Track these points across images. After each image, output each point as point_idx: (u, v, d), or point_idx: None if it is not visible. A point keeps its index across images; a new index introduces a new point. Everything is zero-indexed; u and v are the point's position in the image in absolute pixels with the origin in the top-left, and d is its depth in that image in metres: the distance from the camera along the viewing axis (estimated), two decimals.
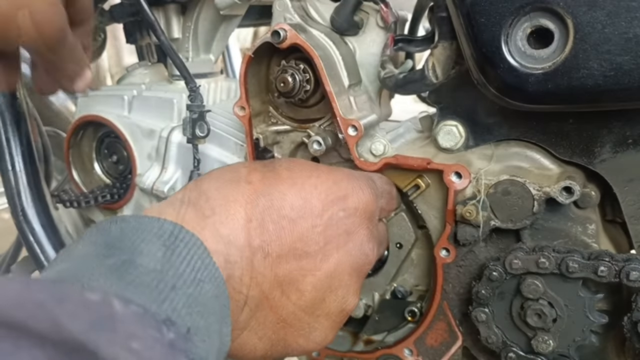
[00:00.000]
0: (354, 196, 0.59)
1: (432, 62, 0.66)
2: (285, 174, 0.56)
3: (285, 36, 0.69)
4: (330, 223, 0.56)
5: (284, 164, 0.58)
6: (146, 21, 0.78)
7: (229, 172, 0.56)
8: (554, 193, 0.62)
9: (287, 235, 0.53)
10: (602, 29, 0.50)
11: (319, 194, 0.56)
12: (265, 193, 0.52)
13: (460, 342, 0.74)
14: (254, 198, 0.52)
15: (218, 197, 0.50)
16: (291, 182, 0.55)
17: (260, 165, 0.58)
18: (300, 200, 0.54)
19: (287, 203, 0.53)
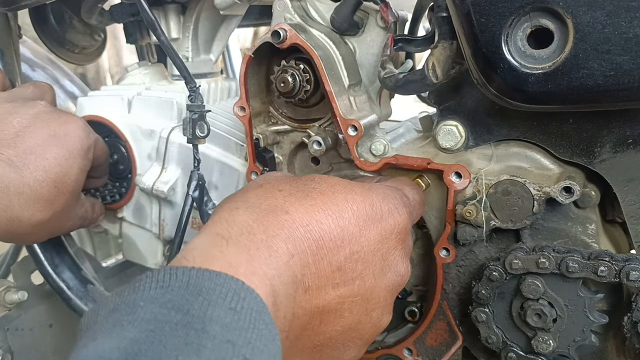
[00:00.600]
0: (390, 219, 0.59)
1: (432, 62, 0.66)
2: (321, 199, 0.55)
3: (285, 36, 0.70)
4: (368, 249, 0.56)
5: (317, 186, 0.57)
6: (146, 21, 0.78)
7: (264, 199, 0.55)
8: (554, 193, 0.62)
9: (326, 266, 0.53)
10: (602, 29, 0.50)
11: (356, 220, 0.55)
12: (304, 223, 0.52)
13: (460, 342, 0.74)
14: (293, 230, 0.51)
15: (259, 231, 0.50)
16: (328, 209, 0.54)
17: (294, 189, 0.57)
18: (338, 229, 0.54)
19: (325, 233, 0.53)
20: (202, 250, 0.48)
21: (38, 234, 0.82)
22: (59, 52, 1.15)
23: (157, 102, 0.96)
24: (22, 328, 1.09)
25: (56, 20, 1.12)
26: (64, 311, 1.07)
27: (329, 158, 0.81)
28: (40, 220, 0.77)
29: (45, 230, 0.82)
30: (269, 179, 0.61)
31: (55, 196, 0.77)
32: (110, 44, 2.61)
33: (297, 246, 0.50)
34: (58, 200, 0.78)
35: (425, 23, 0.83)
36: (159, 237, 1.00)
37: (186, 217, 0.81)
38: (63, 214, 0.82)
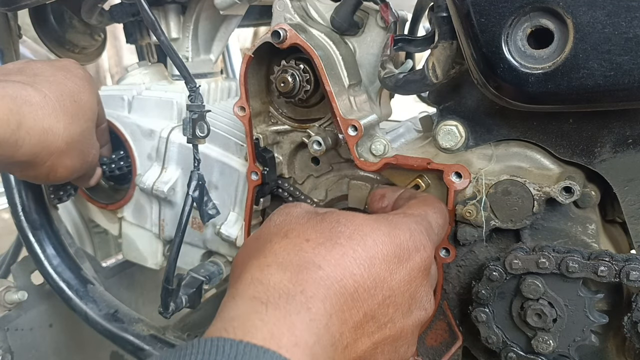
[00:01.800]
0: (417, 257, 0.58)
1: (432, 62, 0.66)
2: (350, 246, 0.54)
3: (285, 36, 0.70)
4: (398, 291, 0.56)
5: (344, 230, 0.56)
6: (146, 21, 0.78)
7: (294, 253, 0.53)
8: (554, 193, 0.62)
9: (362, 318, 0.52)
10: (602, 29, 0.50)
11: (387, 264, 0.55)
12: (338, 278, 0.51)
13: (460, 342, 0.74)
14: (328, 287, 0.50)
15: (296, 292, 0.49)
16: (359, 257, 0.53)
17: (320, 236, 0.55)
18: (371, 278, 0.53)
19: (359, 285, 0.52)
20: (242, 319, 0.46)
21: (70, 158, 0.81)
22: (59, 52, 1.15)
23: (157, 102, 0.96)
24: (22, 328, 1.09)
25: (56, 20, 1.12)
26: (64, 311, 1.07)
27: (329, 158, 0.81)
28: (72, 135, 0.78)
29: (76, 154, 0.82)
30: (292, 224, 0.58)
31: (77, 110, 0.80)
32: (110, 44, 2.61)
33: (334, 304, 0.50)
34: (82, 115, 0.81)
35: (425, 23, 0.83)
36: (159, 237, 1.00)
37: (186, 217, 0.81)
38: (88, 136, 0.84)
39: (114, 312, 0.99)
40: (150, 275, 1.31)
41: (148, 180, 0.94)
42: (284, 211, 0.62)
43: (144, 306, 1.31)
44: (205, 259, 1.00)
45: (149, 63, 1.08)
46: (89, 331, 1.00)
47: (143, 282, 1.32)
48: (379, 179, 0.78)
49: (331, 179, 0.82)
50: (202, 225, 0.94)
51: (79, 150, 0.82)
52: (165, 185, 0.93)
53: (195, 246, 0.99)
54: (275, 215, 0.62)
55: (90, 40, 1.21)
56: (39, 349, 1.13)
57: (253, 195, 0.84)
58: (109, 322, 0.97)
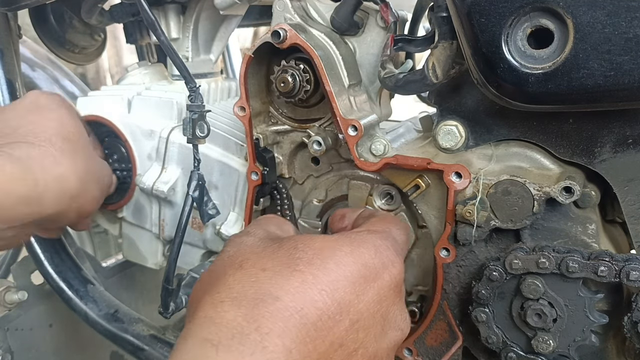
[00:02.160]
0: (385, 275, 0.55)
1: (432, 62, 0.66)
2: (310, 272, 0.50)
3: (285, 36, 0.70)
4: (367, 314, 0.52)
5: (303, 255, 0.52)
6: (146, 21, 0.78)
7: (249, 286, 0.49)
8: (554, 193, 0.62)
9: (328, 348, 0.49)
10: (602, 29, 0.50)
11: (352, 287, 0.51)
12: (298, 308, 0.48)
13: (460, 342, 0.74)
14: (287, 319, 0.47)
15: (250, 330, 0.45)
16: (320, 283, 0.50)
17: (278, 264, 0.51)
18: (335, 303, 0.50)
19: (322, 312, 0.48)
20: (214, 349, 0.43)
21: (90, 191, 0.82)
22: (59, 52, 1.15)
23: (157, 102, 0.96)
24: (22, 328, 1.09)
25: (56, 20, 1.12)
26: (64, 311, 1.07)
27: (329, 158, 0.81)
28: (80, 170, 0.78)
29: (93, 185, 0.82)
30: (246, 253, 0.55)
31: (72, 146, 0.80)
32: (110, 44, 2.62)
33: (294, 338, 0.46)
34: (79, 148, 0.81)
35: (425, 23, 0.83)
36: (159, 237, 1.00)
37: (186, 217, 0.81)
38: (93, 163, 0.85)
39: (114, 312, 0.99)
40: (150, 275, 1.31)
41: (148, 180, 0.94)
42: (236, 241, 0.58)
43: (144, 306, 1.31)
44: (205, 259, 1.00)
45: (149, 63, 1.08)
46: (89, 331, 1.00)
47: (143, 282, 1.32)
48: (379, 179, 0.78)
49: (331, 179, 0.82)
50: (202, 225, 0.94)
51: (93, 180, 0.83)
52: (165, 185, 0.93)
53: (195, 246, 0.99)
54: (228, 246, 0.58)
55: (90, 40, 1.21)
56: (39, 349, 1.13)
57: (253, 195, 0.84)
58: (109, 322, 0.98)
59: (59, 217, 0.78)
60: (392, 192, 0.77)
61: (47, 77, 1.39)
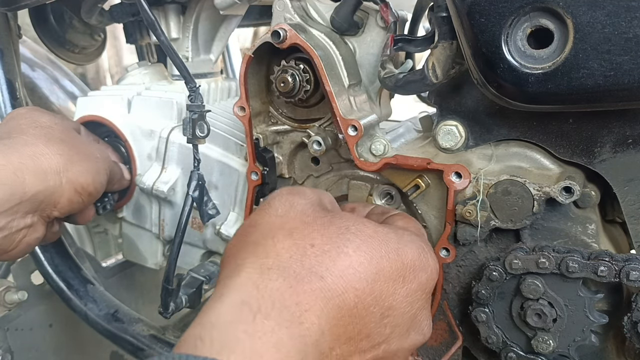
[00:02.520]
0: (422, 275, 0.55)
1: (432, 62, 0.66)
2: (357, 258, 0.51)
3: (285, 36, 0.70)
4: (398, 311, 0.53)
5: (353, 239, 0.52)
6: (146, 21, 0.78)
7: (297, 259, 0.49)
8: (554, 193, 0.62)
9: (356, 335, 0.50)
10: (602, 29, 0.50)
11: (391, 282, 0.52)
12: (339, 291, 0.48)
13: (460, 342, 0.74)
14: (327, 300, 0.47)
15: (291, 302, 0.45)
16: (365, 271, 0.50)
17: (327, 242, 0.51)
18: (373, 294, 0.50)
19: (360, 300, 0.49)
20: (224, 328, 0.43)
21: (78, 164, 0.80)
22: (59, 52, 1.15)
23: (157, 102, 0.96)
24: (22, 328, 1.09)
25: (56, 20, 1.12)
26: (64, 311, 1.07)
27: (329, 158, 0.81)
28: (58, 146, 0.77)
29: (79, 159, 0.80)
30: (296, 220, 0.54)
31: (45, 131, 0.79)
32: (110, 44, 2.62)
33: (329, 320, 0.47)
34: (55, 130, 0.80)
35: (425, 23, 0.83)
36: (159, 237, 1.00)
37: (186, 217, 0.81)
38: (77, 142, 0.83)
39: (114, 312, 0.99)
40: (150, 275, 1.31)
41: (148, 180, 0.94)
42: (286, 199, 0.58)
43: (144, 306, 1.31)
44: (205, 259, 1.00)
45: (149, 63, 1.08)
46: (89, 331, 1.00)
47: (143, 282, 1.32)
48: (378, 179, 0.78)
49: (331, 179, 0.82)
50: (202, 225, 0.94)
51: (75, 153, 0.80)
52: (165, 185, 0.93)
53: (195, 246, 0.99)
54: (277, 202, 0.57)
55: (90, 40, 1.21)
56: (39, 349, 1.13)
57: (253, 195, 0.84)
58: (109, 322, 0.98)
59: (54, 195, 0.76)
60: (392, 192, 0.77)
61: (47, 77, 1.39)
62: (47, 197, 0.75)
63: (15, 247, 0.75)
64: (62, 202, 0.77)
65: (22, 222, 0.74)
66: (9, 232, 0.73)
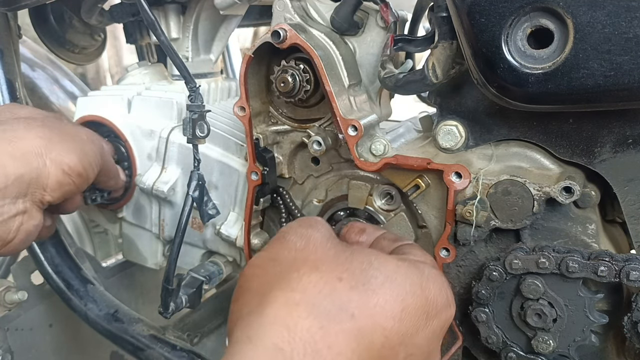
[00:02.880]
0: (445, 314, 0.55)
1: (432, 62, 0.66)
2: (383, 296, 0.50)
3: (285, 36, 0.70)
4: (419, 350, 0.53)
5: (377, 274, 0.51)
6: (146, 21, 0.78)
7: (326, 294, 0.48)
8: (554, 193, 0.62)
9: None
10: (602, 29, 0.50)
11: (416, 320, 0.52)
12: (368, 331, 0.48)
13: (460, 342, 0.74)
14: (358, 341, 0.47)
15: (323, 346, 0.45)
16: (392, 309, 0.50)
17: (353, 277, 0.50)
18: (399, 334, 0.50)
19: (387, 340, 0.49)
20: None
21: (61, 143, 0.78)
22: (59, 52, 1.15)
23: (157, 102, 0.96)
24: (22, 328, 1.09)
25: (56, 20, 1.12)
26: (64, 311, 1.07)
27: (329, 158, 0.81)
28: (38, 126, 0.76)
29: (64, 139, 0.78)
30: (318, 253, 0.53)
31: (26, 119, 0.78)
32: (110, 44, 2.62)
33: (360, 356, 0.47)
34: (34, 117, 0.79)
35: (425, 23, 0.83)
36: (159, 237, 1.00)
37: (186, 217, 0.81)
38: (61, 125, 0.81)
39: (114, 312, 0.99)
40: (150, 275, 1.31)
41: (148, 180, 0.94)
42: (302, 232, 0.56)
43: (144, 306, 1.31)
44: (205, 259, 1.00)
45: (149, 63, 1.08)
46: (89, 331, 1.00)
47: (143, 282, 1.32)
48: (379, 179, 0.78)
49: (331, 179, 0.82)
50: (202, 225, 0.94)
51: (57, 133, 0.78)
52: (165, 185, 0.93)
53: (195, 246, 0.99)
54: (293, 236, 0.56)
55: (90, 40, 1.21)
56: (39, 349, 1.13)
57: (253, 195, 0.84)
58: (109, 322, 0.98)
59: (40, 177, 0.74)
60: (392, 192, 0.77)
61: (47, 77, 1.39)
62: (34, 180, 0.74)
63: (14, 236, 0.74)
64: (50, 184, 0.76)
65: (14, 208, 0.73)
66: (2, 218, 0.71)
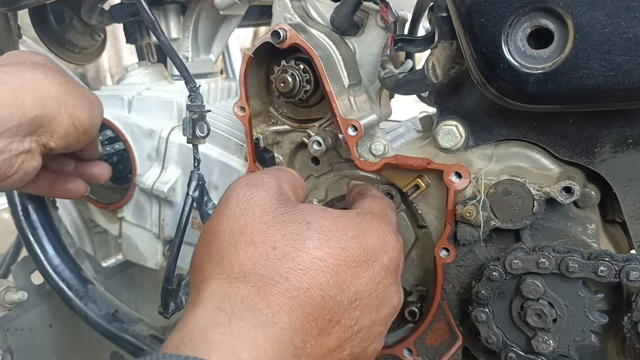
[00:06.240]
0: (384, 257, 0.58)
1: (432, 62, 0.66)
2: (315, 252, 0.53)
3: (285, 36, 0.70)
4: (365, 294, 0.55)
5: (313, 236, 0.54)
6: (146, 21, 0.78)
7: (261, 263, 0.51)
8: (554, 193, 0.62)
9: (327, 325, 0.52)
10: (602, 29, 0.50)
11: (354, 269, 0.54)
12: (304, 288, 0.51)
13: (460, 342, 0.74)
14: (294, 298, 0.50)
15: (263, 305, 0.48)
16: (326, 266, 0.53)
17: (288, 242, 0.53)
18: (337, 285, 0.53)
19: (325, 294, 0.52)
20: (202, 331, 0.45)
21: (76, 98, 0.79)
22: (59, 52, 1.15)
23: (157, 102, 0.96)
24: (22, 328, 1.09)
25: (56, 20, 1.12)
26: (64, 311, 1.07)
27: (329, 158, 0.81)
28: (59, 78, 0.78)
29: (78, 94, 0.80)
30: (255, 222, 0.55)
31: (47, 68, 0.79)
32: (110, 44, 2.62)
33: (299, 316, 0.50)
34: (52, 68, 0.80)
35: (425, 23, 0.83)
36: (159, 237, 1.00)
37: (186, 217, 0.81)
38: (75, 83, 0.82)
39: (114, 312, 0.99)
40: (150, 275, 1.31)
41: (148, 180, 0.94)
42: (243, 194, 0.57)
43: (144, 306, 1.31)
44: None
45: (149, 63, 1.08)
46: (89, 331, 1.00)
47: (143, 282, 1.32)
48: (379, 179, 0.78)
49: (331, 179, 0.82)
50: (202, 225, 0.94)
51: (74, 88, 0.80)
52: (165, 185, 0.93)
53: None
54: (234, 199, 0.57)
55: (90, 40, 1.21)
56: (39, 349, 1.13)
57: None
58: (109, 322, 0.97)
59: (53, 123, 0.75)
60: (392, 192, 0.77)
61: None
62: (47, 123, 0.75)
63: (14, 172, 0.75)
64: (59, 131, 0.77)
65: (21, 146, 0.73)
66: (9, 155, 0.72)
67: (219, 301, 0.49)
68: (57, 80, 0.77)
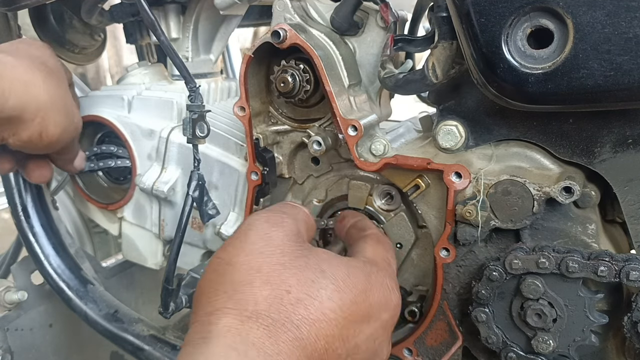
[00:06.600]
0: (385, 315, 0.60)
1: (432, 62, 0.66)
2: (327, 305, 0.54)
3: (285, 36, 0.70)
4: (362, 348, 0.57)
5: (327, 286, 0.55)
6: (146, 21, 0.78)
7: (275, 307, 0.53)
8: (554, 193, 0.62)
9: None
10: (602, 29, 0.50)
11: (358, 325, 0.56)
12: (312, 340, 0.52)
13: (460, 342, 0.74)
14: (303, 347, 0.52)
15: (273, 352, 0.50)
16: (333, 319, 0.54)
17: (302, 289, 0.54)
18: (340, 340, 0.55)
19: (330, 346, 0.54)
20: None
21: (57, 113, 0.80)
22: (59, 52, 1.15)
23: (157, 102, 0.96)
24: (22, 328, 1.09)
25: (56, 20, 1.12)
26: (64, 311, 1.07)
27: (329, 158, 0.81)
28: (51, 88, 0.79)
29: (61, 108, 0.81)
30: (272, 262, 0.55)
31: (49, 70, 0.81)
32: (110, 44, 2.62)
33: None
34: (55, 73, 0.82)
35: (425, 23, 0.83)
36: (159, 237, 1.00)
37: (186, 217, 0.81)
38: (67, 93, 0.84)
39: (114, 312, 0.99)
40: (150, 275, 1.31)
41: (148, 180, 0.94)
42: (264, 232, 0.58)
43: (144, 306, 1.31)
44: (205, 259, 1.00)
45: (149, 63, 1.08)
46: (89, 331, 1.00)
47: (143, 282, 1.32)
48: (379, 179, 0.78)
49: (331, 179, 0.82)
50: (202, 225, 0.94)
51: (62, 105, 0.81)
52: (165, 185, 0.93)
53: (195, 246, 0.99)
54: (254, 235, 0.58)
55: (90, 40, 1.20)
56: (39, 349, 1.13)
57: (253, 195, 0.84)
58: (109, 322, 0.98)
59: (20, 125, 0.76)
60: (392, 192, 0.77)
61: None
62: (15, 124, 0.75)
63: None
64: (22, 135, 0.77)
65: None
66: None
67: (231, 340, 0.50)
68: (50, 91, 0.78)
